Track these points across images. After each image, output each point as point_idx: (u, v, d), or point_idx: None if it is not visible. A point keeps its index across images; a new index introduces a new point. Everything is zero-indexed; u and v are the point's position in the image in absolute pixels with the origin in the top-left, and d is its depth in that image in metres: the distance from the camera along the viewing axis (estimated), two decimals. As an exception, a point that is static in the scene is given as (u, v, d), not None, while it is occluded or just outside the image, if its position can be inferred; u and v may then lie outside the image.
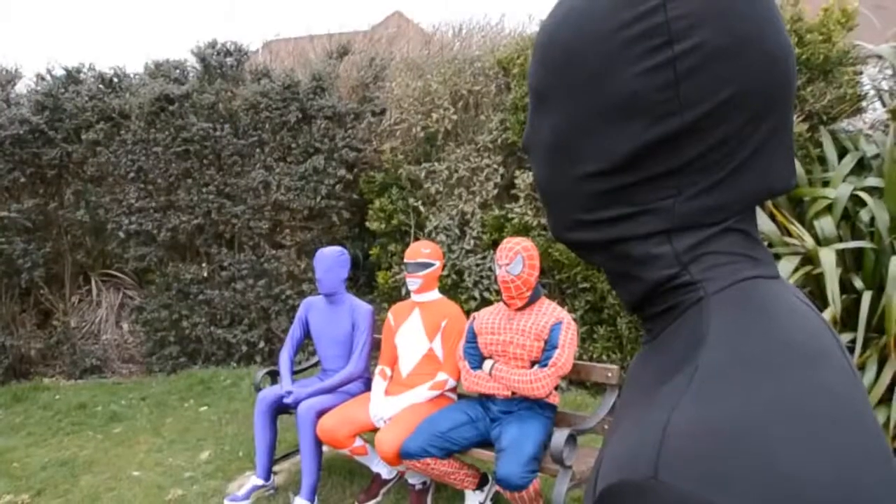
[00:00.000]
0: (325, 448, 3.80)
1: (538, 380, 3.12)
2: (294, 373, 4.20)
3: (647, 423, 0.50)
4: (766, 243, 4.12)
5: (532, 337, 3.20)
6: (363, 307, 3.97)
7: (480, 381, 3.28)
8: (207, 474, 4.18)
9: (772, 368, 0.50)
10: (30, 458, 4.58)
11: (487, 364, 3.30)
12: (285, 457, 4.26)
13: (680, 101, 0.55)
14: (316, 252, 3.98)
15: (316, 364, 4.34)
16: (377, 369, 3.81)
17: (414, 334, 3.68)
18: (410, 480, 3.57)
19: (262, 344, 6.47)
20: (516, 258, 3.20)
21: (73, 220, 6.62)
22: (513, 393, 3.21)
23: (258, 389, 4.08)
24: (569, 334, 3.19)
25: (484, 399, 3.36)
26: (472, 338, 3.41)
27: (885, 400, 4.02)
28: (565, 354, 3.15)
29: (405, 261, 3.70)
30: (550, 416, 3.30)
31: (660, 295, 0.61)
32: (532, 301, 3.28)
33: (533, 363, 3.21)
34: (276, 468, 4.01)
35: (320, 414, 3.62)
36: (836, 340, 0.58)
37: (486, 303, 5.27)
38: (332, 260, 3.92)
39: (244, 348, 6.45)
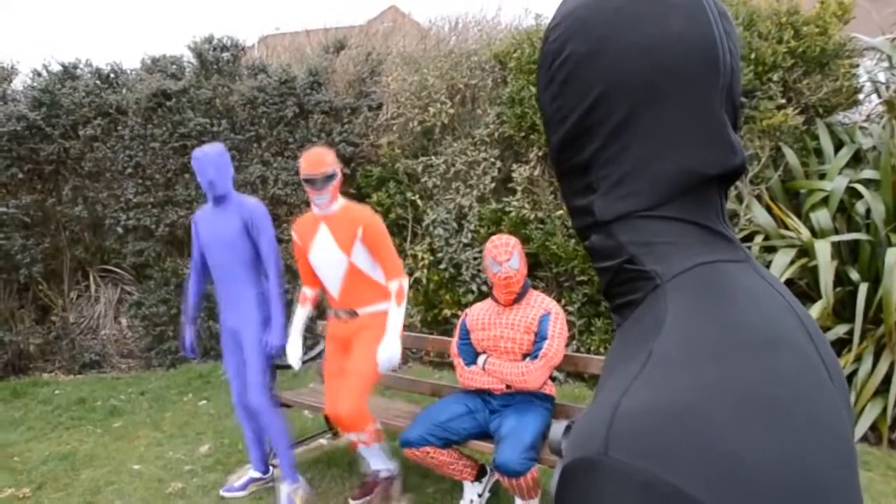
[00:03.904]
0: (321, 440, 3.80)
1: (529, 372, 3.14)
2: None
3: (602, 405, 0.53)
4: (762, 236, 4.12)
5: (522, 330, 3.22)
6: (255, 204, 3.62)
7: (475, 376, 3.30)
8: (207, 467, 4.20)
9: (720, 353, 0.52)
10: (30, 452, 4.59)
11: (481, 359, 3.32)
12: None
13: (565, 108, 0.65)
14: (193, 154, 3.57)
15: None
16: (298, 293, 3.64)
17: (327, 251, 3.42)
18: (374, 467, 3.59)
19: (260, 338, 6.47)
20: (514, 252, 3.22)
21: (71, 215, 6.61)
22: (507, 386, 3.23)
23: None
24: (558, 324, 3.20)
25: (483, 392, 3.38)
26: (465, 334, 3.42)
27: (880, 391, 4.04)
28: (555, 345, 3.16)
29: (309, 174, 3.31)
30: (549, 408, 3.31)
31: (620, 284, 0.65)
32: (522, 294, 3.29)
33: (525, 356, 3.23)
34: (274, 461, 4.02)
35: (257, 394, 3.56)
36: (803, 325, 0.60)
37: (483, 296, 5.29)
38: (218, 158, 3.54)
39: (243, 343, 6.45)
